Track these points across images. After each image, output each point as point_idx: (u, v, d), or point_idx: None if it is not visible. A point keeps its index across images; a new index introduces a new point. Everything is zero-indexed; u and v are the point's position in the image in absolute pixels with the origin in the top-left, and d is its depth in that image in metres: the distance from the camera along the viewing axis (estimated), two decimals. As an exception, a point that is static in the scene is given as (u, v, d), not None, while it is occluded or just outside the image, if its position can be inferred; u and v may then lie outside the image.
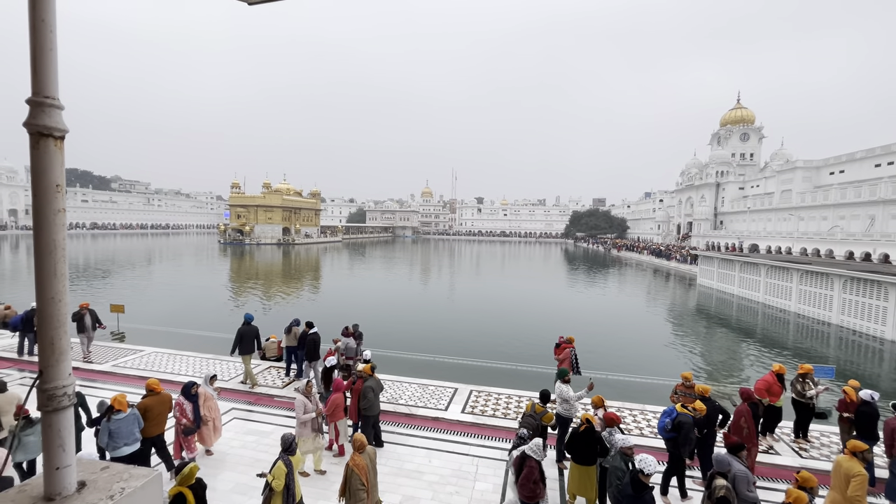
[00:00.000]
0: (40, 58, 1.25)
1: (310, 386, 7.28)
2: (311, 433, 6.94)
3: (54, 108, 1.29)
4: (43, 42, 1.25)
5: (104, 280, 32.60)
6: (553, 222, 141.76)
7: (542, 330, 19.56)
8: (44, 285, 1.30)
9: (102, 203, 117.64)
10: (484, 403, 9.75)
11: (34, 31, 1.24)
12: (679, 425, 6.35)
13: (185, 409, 6.99)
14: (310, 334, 10.24)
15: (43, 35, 1.25)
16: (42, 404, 1.32)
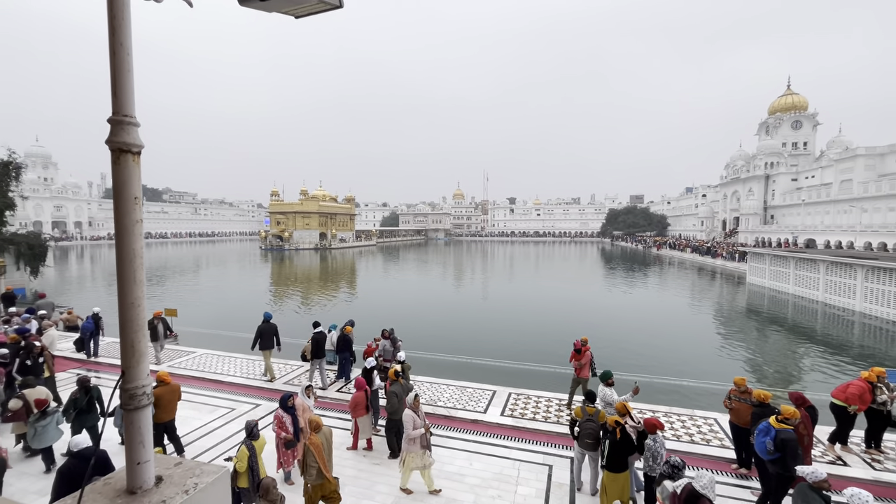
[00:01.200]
0: (119, 79, 1.35)
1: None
2: (419, 449, 6.55)
3: (132, 125, 1.38)
4: (122, 64, 1.35)
5: (159, 286, 34.78)
6: (588, 221, 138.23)
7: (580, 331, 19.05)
8: (125, 291, 1.39)
9: (155, 214, 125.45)
10: (524, 406, 9.61)
11: (114, 54, 1.33)
12: (783, 444, 5.62)
13: (284, 422, 6.68)
14: (315, 333, 10.66)
15: (121, 58, 1.34)
16: (124, 403, 1.41)
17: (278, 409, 6.80)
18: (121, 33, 1.34)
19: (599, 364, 9.61)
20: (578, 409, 6.67)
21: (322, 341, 10.62)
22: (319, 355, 10.57)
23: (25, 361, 8.92)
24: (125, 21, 1.35)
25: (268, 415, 9.24)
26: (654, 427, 5.87)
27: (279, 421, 6.70)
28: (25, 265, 24.77)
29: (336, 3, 2.40)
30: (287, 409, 6.79)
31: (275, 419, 6.73)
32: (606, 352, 15.97)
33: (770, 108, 75.36)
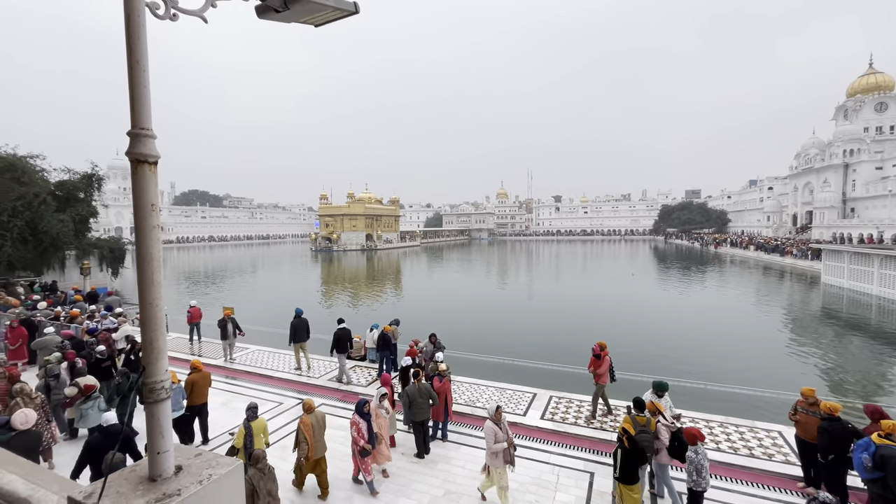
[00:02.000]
0: (136, 95, 1.45)
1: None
2: (502, 464, 6.13)
3: (149, 137, 1.48)
4: (138, 81, 1.45)
5: (218, 285, 37.34)
6: (640, 218, 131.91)
7: (629, 334, 18.27)
8: (144, 291, 1.49)
9: (216, 219, 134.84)
10: (565, 410, 9.34)
11: (131, 72, 1.44)
12: (884, 461, 5.05)
13: (361, 429, 6.48)
14: (338, 329, 11.34)
15: (138, 75, 1.44)
16: (145, 396, 1.51)
17: (354, 414, 6.64)
18: (137, 52, 1.44)
19: (653, 368, 9.13)
20: (628, 419, 6.28)
21: (344, 338, 11.27)
22: (342, 350, 11.19)
23: (130, 356, 9.85)
24: (141, 40, 1.45)
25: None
26: (695, 437, 5.51)
27: (356, 427, 6.52)
28: (107, 267, 27.51)
29: (352, 10, 2.45)
30: (363, 414, 6.60)
31: (352, 425, 6.57)
32: (658, 356, 15.16)
33: (849, 90, 68.11)
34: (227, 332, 12.42)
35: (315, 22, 2.47)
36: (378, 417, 6.89)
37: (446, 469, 7.32)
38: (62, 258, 25.64)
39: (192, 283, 40.31)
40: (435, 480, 6.99)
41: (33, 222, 21.64)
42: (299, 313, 12.25)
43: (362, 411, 6.65)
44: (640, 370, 12.27)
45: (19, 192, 21.43)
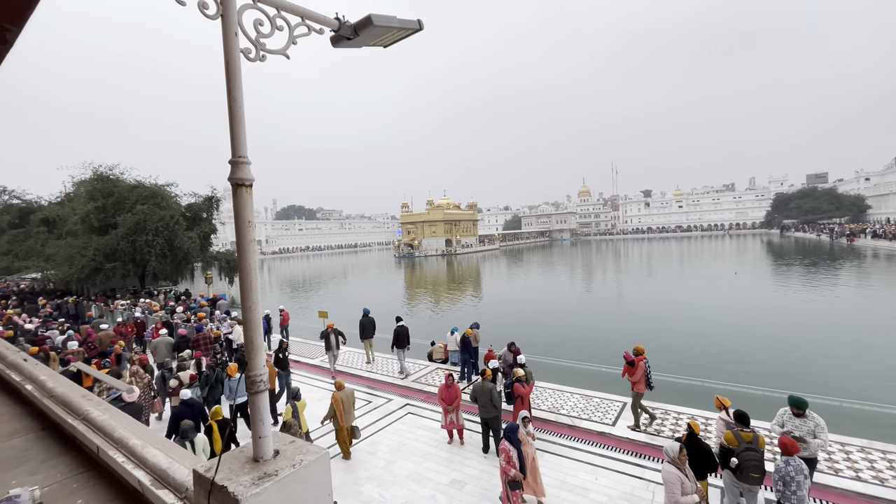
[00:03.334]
0: (235, 128, 1.69)
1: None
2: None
3: (245, 164, 1.71)
4: (236, 117, 1.69)
5: (315, 291, 40.85)
6: (747, 210, 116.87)
7: (734, 341, 16.27)
8: (245, 297, 1.73)
9: (310, 230, 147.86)
10: (660, 422, 8.61)
11: (230, 108, 1.69)
12: None
13: (511, 457, 5.83)
14: (396, 327, 12.43)
15: (235, 112, 1.69)
16: (248, 388, 1.75)
17: (503, 440, 6.03)
18: (235, 91, 1.69)
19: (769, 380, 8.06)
20: (730, 433, 5.63)
21: (403, 334, 12.29)
22: (401, 346, 12.28)
23: (278, 355, 10.64)
24: (237, 81, 1.70)
25: (398, 409, 10.08)
26: (787, 448, 5.01)
27: (506, 455, 5.88)
28: (225, 276, 31.66)
29: (416, 27, 2.58)
30: (513, 441, 5.95)
31: (500, 452, 6.03)
32: (774, 366, 13.30)
33: None
34: (330, 343, 12.66)
35: (383, 43, 2.64)
36: (525, 444, 6.15)
37: (529, 476, 7.17)
38: (192, 270, 30.11)
39: (293, 289, 44.66)
40: (518, 486, 6.89)
41: (170, 240, 25.75)
42: (366, 312, 13.91)
43: (513, 437, 5.91)
44: (744, 380, 10.89)
45: (160, 215, 25.69)
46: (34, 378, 4.80)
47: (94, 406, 3.73)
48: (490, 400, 7.77)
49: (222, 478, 1.62)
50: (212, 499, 1.59)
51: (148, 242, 24.79)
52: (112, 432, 3.18)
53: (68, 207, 30.12)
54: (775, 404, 6.77)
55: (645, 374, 8.47)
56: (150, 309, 18.89)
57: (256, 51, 1.83)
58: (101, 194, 26.00)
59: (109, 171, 27.79)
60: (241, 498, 1.49)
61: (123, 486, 2.86)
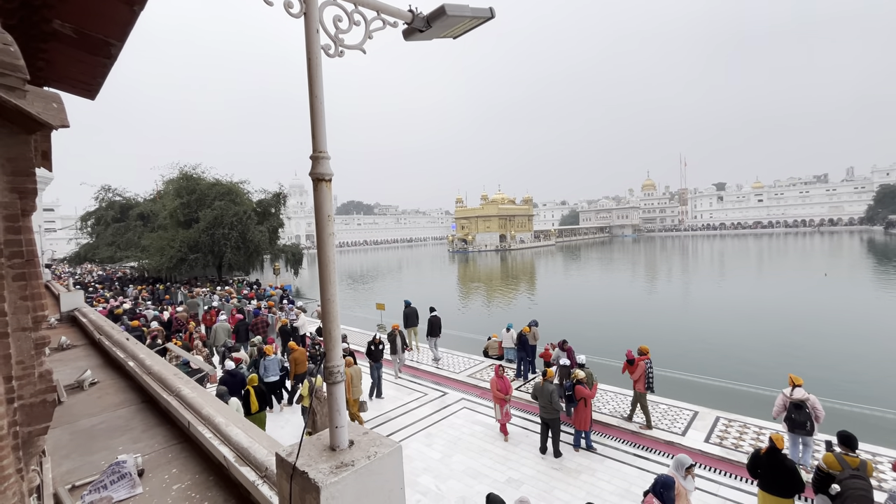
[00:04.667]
0: (316, 124, 1.73)
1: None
2: None
3: (325, 159, 1.75)
4: (317, 113, 1.72)
5: (372, 283, 42.26)
6: (843, 204, 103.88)
7: (823, 351, 14.54)
8: (325, 289, 1.77)
9: (368, 225, 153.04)
10: (738, 436, 7.91)
11: (312, 106, 1.72)
12: None
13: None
14: (430, 316, 13.25)
15: (316, 108, 1.72)
16: (326, 378, 1.79)
17: (650, 495, 4.67)
18: (316, 87, 1.72)
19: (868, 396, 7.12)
20: (832, 457, 4.96)
21: (436, 324, 13.18)
22: (434, 334, 13.16)
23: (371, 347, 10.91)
24: (319, 78, 1.72)
25: (454, 403, 10.14)
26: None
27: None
28: (290, 268, 33.69)
29: (488, 15, 2.50)
30: (666, 499, 4.55)
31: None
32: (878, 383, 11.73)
33: None
34: (395, 345, 11.78)
35: (454, 34, 2.59)
36: (680, 497, 4.90)
37: (590, 481, 6.90)
38: (262, 261, 32.38)
39: (353, 280, 46.58)
40: (578, 491, 6.66)
41: (244, 233, 27.85)
42: (408, 304, 14.91)
43: (667, 495, 4.57)
44: (836, 394, 9.68)
45: (234, 210, 27.84)
46: (135, 355, 5.37)
47: (185, 384, 4.10)
48: (550, 401, 7.56)
49: (303, 463, 1.67)
50: (293, 482, 1.65)
51: (224, 235, 26.99)
52: (200, 409, 3.46)
53: (159, 203, 33.58)
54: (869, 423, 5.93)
55: (645, 374, 8.41)
56: (227, 296, 20.57)
57: (336, 47, 1.86)
58: (186, 191, 28.69)
59: (192, 171, 30.56)
60: (322, 485, 1.53)
61: (210, 460, 3.10)
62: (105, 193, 39.17)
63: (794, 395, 7.01)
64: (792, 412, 6.92)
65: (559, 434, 7.80)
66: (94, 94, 3.82)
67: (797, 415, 6.86)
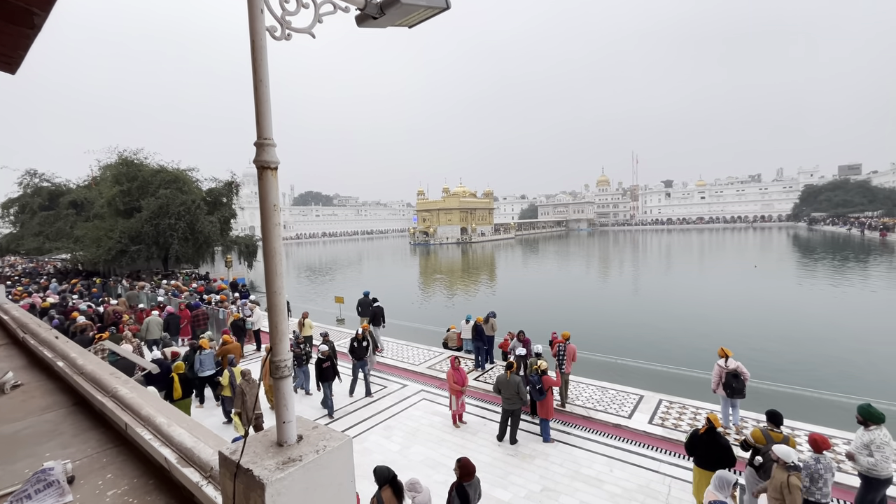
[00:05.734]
0: (261, 109, 1.66)
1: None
2: None
3: (270, 146, 1.68)
4: (262, 97, 1.65)
5: (332, 276, 41.34)
6: (774, 202, 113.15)
7: (760, 337, 15.88)
8: (270, 281, 1.71)
9: (327, 216, 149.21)
10: (678, 416, 8.50)
11: (256, 89, 1.65)
12: None
13: None
14: (374, 306, 13.77)
15: (261, 92, 1.65)
16: (272, 373, 1.74)
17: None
18: (261, 71, 1.65)
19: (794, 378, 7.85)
20: (759, 431, 5.59)
21: (378, 313, 13.70)
22: (377, 323, 13.57)
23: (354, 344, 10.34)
24: (264, 61, 1.65)
25: (413, 395, 10.18)
26: (817, 445, 4.98)
27: None
28: (244, 260, 32.26)
29: (443, 6, 2.48)
30: None
31: None
32: (803, 363, 12.96)
33: None
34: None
35: (409, 23, 2.56)
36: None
37: (543, 465, 7.18)
38: (212, 253, 30.76)
39: (312, 272, 45.31)
40: (532, 475, 6.91)
41: (192, 224, 26.30)
42: (367, 294, 15.28)
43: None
44: (769, 377, 10.62)
45: (182, 199, 26.20)
46: (65, 355, 4.96)
47: (122, 384, 3.83)
48: (517, 392, 7.76)
49: (247, 461, 1.62)
50: (237, 481, 1.60)
51: (170, 226, 25.37)
52: (139, 410, 3.26)
53: (95, 191, 30.98)
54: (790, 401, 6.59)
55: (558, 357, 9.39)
56: (174, 290, 19.41)
57: (282, 29, 1.78)
58: (126, 178, 26.62)
59: (133, 156, 28.39)
60: (267, 482, 1.49)
61: (151, 463, 2.93)
62: (30, 179, 35.53)
63: (729, 365, 7.86)
64: (731, 381, 7.74)
65: (518, 423, 8.05)
66: (15, 68, 3.46)
67: (736, 383, 7.72)
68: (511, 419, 7.90)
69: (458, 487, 5.00)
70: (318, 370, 9.33)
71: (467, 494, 4.92)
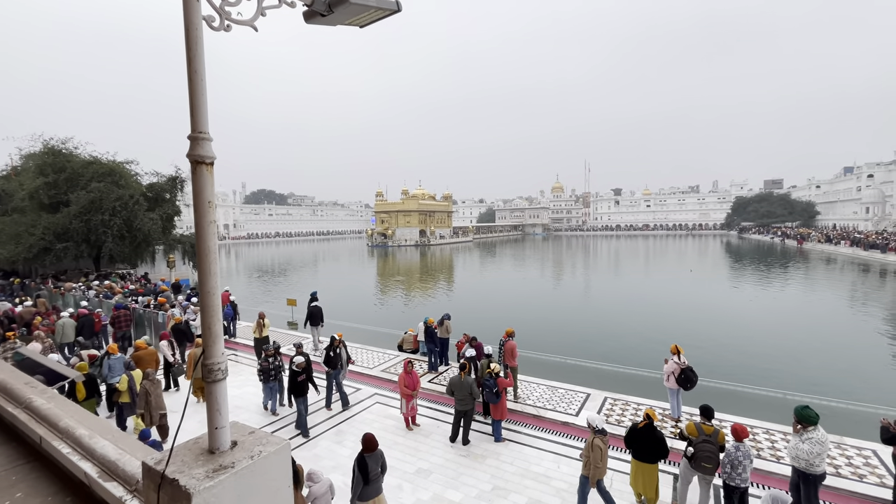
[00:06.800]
0: (196, 101, 1.59)
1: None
2: None
3: (206, 140, 1.61)
4: (197, 89, 1.58)
5: (284, 277, 39.85)
6: (709, 211, 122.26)
7: (695, 336, 17.06)
8: (203, 281, 1.64)
9: (281, 216, 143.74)
10: (620, 413, 8.94)
11: (191, 81, 1.58)
12: None
13: None
14: (312, 306, 13.59)
15: (196, 84, 1.58)
16: (204, 377, 1.66)
17: None
18: (196, 62, 1.58)
19: (725, 373, 8.48)
20: (692, 425, 6.02)
21: (317, 314, 13.68)
22: (315, 323, 13.73)
23: (330, 352, 9.69)
24: (199, 52, 1.58)
25: (366, 399, 10.03)
26: (738, 434, 5.49)
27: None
28: (189, 260, 30.34)
29: (394, 8, 2.49)
30: None
31: None
32: (727, 360, 14.04)
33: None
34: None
35: (360, 23, 2.54)
36: None
37: (495, 464, 7.31)
38: (152, 253, 28.67)
39: (262, 274, 43.41)
40: (483, 475, 7.01)
41: (129, 221, 24.37)
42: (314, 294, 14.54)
43: None
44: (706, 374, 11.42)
45: (118, 193, 24.23)
46: (-30, 363, 4.44)
47: (38, 394, 3.50)
48: (470, 393, 7.84)
49: (173, 470, 1.54)
50: (161, 492, 1.52)
51: (104, 222, 23.37)
52: (57, 422, 2.99)
53: (15, 182, 27.94)
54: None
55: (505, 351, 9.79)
56: (107, 291, 17.92)
57: (221, 19, 1.71)
58: (53, 169, 24.21)
59: (62, 146, 25.91)
60: (194, 491, 1.42)
61: (69, 478, 2.70)
62: (-65, 167, 31.55)
63: (683, 360, 8.52)
64: (689, 374, 8.35)
65: (470, 423, 8.14)
66: None
67: (693, 375, 8.35)
68: (463, 420, 7.98)
69: (359, 460, 5.51)
70: (292, 384, 8.56)
71: (367, 465, 5.46)
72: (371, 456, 5.54)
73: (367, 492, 5.45)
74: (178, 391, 10.92)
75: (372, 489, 5.50)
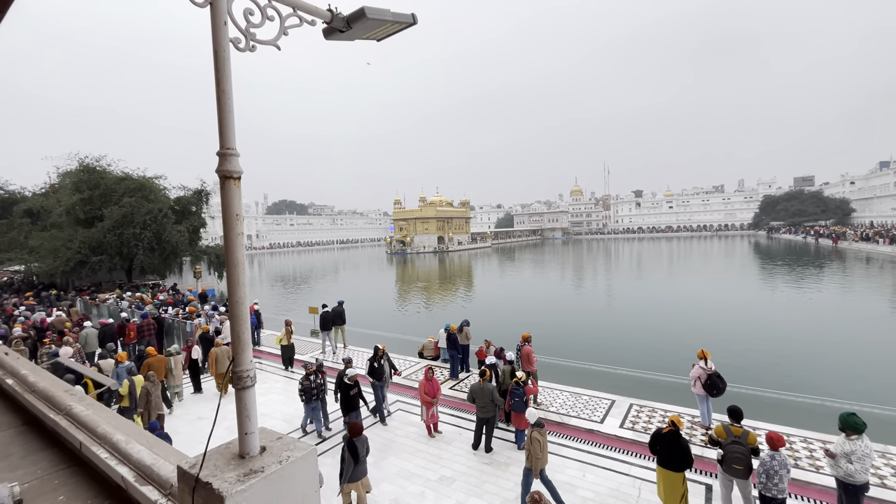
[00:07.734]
0: (223, 119, 1.66)
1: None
2: None
3: (233, 155, 1.68)
4: (225, 108, 1.66)
5: (306, 286, 40.54)
6: (735, 211, 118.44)
7: (722, 340, 16.50)
8: (232, 291, 1.70)
9: (302, 226, 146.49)
10: (647, 420, 8.72)
11: (219, 100, 1.66)
12: None
13: None
14: (322, 312, 14.30)
15: (224, 103, 1.66)
16: (234, 383, 1.72)
17: None
18: (224, 83, 1.66)
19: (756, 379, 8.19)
20: (720, 427, 5.85)
21: (328, 318, 14.26)
22: (325, 328, 14.32)
23: (374, 364, 9.51)
24: (227, 72, 1.66)
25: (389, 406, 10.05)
26: (773, 443, 5.25)
27: None
28: (214, 270, 31.27)
29: (410, 21, 2.55)
30: None
31: None
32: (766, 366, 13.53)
33: None
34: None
35: (377, 37, 2.62)
36: None
37: (518, 472, 7.20)
38: (180, 264, 29.71)
39: (286, 282, 44.30)
40: (507, 483, 6.94)
41: (159, 233, 25.36)
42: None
43: None
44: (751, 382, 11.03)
45: (148, 208, 25.28)
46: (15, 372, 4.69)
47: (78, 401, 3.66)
48: (491, 400, 7.78)
49: (207, 474, 1.60)
50: (196, 495, 1.57)
51: (135, 235, 24.39)
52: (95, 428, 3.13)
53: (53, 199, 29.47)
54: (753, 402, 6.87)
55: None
56: (138, 302, 18.61)
57: (246, 41, 1.80)
58: (87, 186, 25.48)
59: (96, 163, 27.23)
60: (227, 495, 1.47)
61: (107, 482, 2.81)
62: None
63: (710, 367, 8.18)
64: (716, 380, 8.01)
65: (493, 431, 8.07)
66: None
67: (720, 381, 7.99)
68: (486, 427, 7.92)
69: (348, 443, 6.10)
70: (343, 399, 8.23)
71: (356, 447, 6.07)
72: (358, 440, 6.17)
73: (356, 472, 6.06)
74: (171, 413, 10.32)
75: (359, 470, 6.12)
